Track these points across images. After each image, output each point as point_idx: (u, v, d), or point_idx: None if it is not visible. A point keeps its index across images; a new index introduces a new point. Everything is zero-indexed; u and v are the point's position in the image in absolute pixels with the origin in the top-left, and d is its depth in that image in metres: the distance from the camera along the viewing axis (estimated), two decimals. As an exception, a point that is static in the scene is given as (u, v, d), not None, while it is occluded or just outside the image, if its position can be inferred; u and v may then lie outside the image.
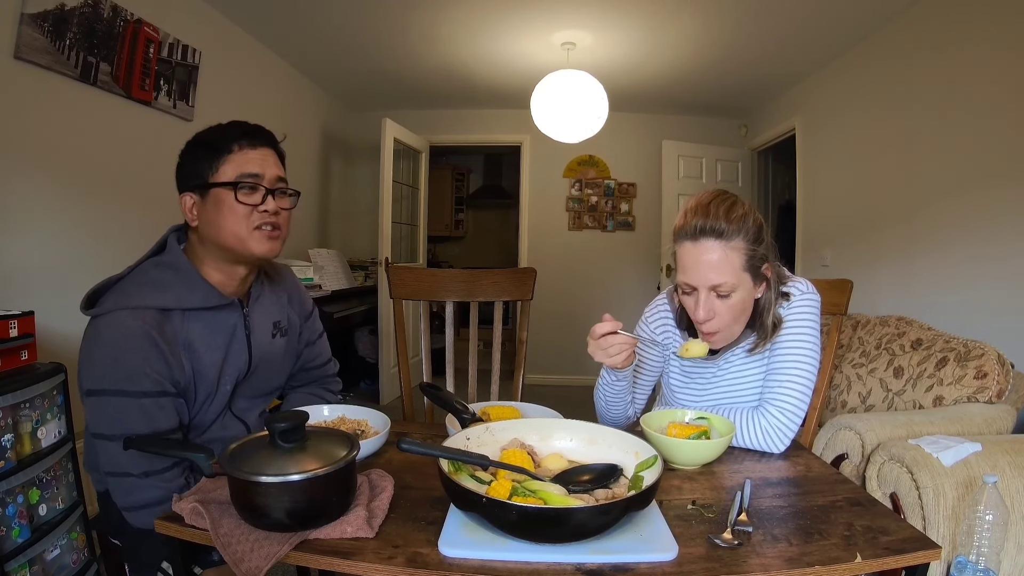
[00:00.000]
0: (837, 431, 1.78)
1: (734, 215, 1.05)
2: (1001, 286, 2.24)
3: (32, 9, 1.91)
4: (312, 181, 4.35)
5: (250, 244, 1.02)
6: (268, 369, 1.18)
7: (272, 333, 1.17)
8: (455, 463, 0.80)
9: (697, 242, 1.06)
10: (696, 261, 1.07)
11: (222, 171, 1.00)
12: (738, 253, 1.06)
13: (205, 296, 1.02)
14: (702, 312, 1.08)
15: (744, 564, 0.68)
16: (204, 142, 1.03)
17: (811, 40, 3.23)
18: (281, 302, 1.22)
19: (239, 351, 1.09)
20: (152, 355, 0.94)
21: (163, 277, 1.01)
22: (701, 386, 1.25)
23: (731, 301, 1.08)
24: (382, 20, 3.15)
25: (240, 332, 1.09)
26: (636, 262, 5.01)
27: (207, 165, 1.00)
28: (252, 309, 1.12)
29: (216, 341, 1.05)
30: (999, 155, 2.25)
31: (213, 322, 1.05)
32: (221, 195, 1.00)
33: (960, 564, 1.09)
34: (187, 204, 1.03)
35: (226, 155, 1.00)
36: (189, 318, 1.01)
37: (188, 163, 1.03)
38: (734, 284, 1.06)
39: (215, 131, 1.04)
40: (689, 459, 0.99)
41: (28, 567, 1.40)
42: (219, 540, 0.71)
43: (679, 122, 4.89)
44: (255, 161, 1.02)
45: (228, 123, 1.05)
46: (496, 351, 1.69)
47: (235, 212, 1.00)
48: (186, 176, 1.03)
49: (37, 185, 2.03)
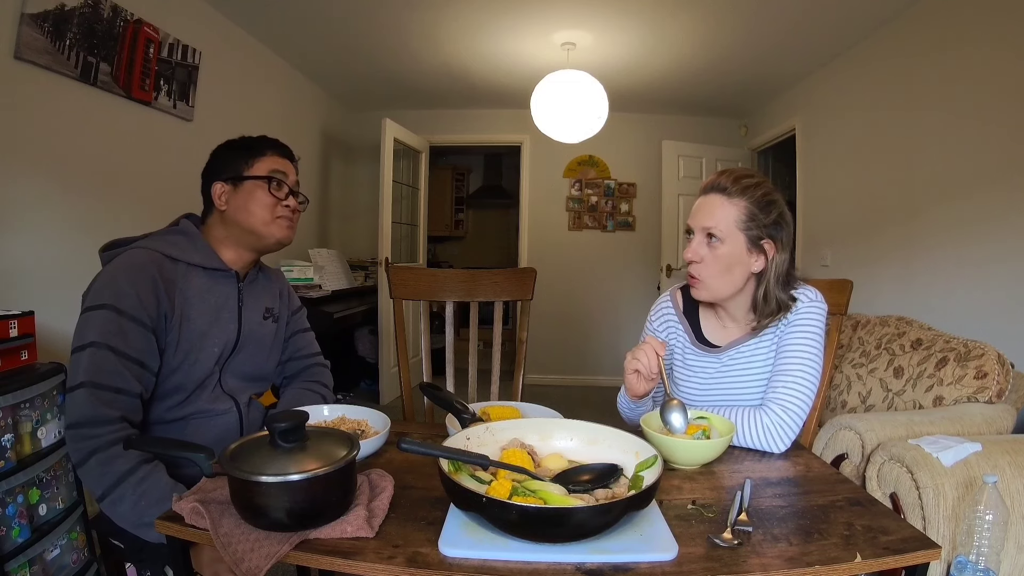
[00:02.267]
0: (837, 431, 1.78)
1: (743, 182, 1.16)
2: (1001, 286, 2.24)
3: (32, 9, 1.91)
4: (312, 181, 4.35)
5: (272, 228, 1.20)
6: (257, 349, 1.27)
7: (264, 315, 1.29)
8: (455, 463, 0.80)
9: (706, 195, 1.19)
10: (699, 208, 1.19)
11: (256, 168, 1.19)
12: (736, 209, 1.15)
13: (207, 257, 1.18)
14: (690, 252, 1.18)
15: (744, 564, 0.68)
16: (240, 144, 1.22)
17: (811, 40, 3.23)
18: (274, 292, 1.35)
19: (229, 319, 1.20)
20: (145, 285, 1.06)
21: (174, 239, 1.18)
22: (704, 381, 1.26)
23: (718, 251, 1.15)
24: (382, 20, 3.15)
25: (232, 303, 1.22)
26: (636, 262, 5.01)
27: (243, 162, 1.19)
28: (247, 286, 1.26)
29: (209, 300, 1.17)
30: (999, 155, 2.25)
31: (210, 283, 1.18)
32: (254, 186, 1.18)
33: (960, 564, 1.09)
34: (217, 191, 1.19)
35: (259, 156, 1.20)
36: (191, 273, 1.15)
37: (223, 158, 1.20)
38: (724, 234, 1.15)
39: (250, 139, 1.23)
40: (689, 459, 0.99)
41: (28, 567, 1.40)
42: (219, 540, 0.71)
43: (679, 122, 4.89)
44: (282, 165, 1.22)
45: (261, 136, 1.25)
46: (496, 351, 1.69)
47: (263, 202, 1.18)
48: (219, 168, 1.20)
49: (37, 185, 2.03)
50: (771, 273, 1.17)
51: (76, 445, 0.97)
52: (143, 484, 0.96)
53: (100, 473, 0.96)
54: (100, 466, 0.95)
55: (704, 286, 1.18)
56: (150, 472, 0.98)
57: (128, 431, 1.00)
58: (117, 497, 0.95)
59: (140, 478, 0.96)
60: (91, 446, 0.96)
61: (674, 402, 1.05)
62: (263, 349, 1.29)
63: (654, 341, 1.12)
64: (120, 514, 0.97)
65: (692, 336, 1.29)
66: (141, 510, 0.95)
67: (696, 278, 1.18)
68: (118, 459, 0.96)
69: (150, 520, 0.92)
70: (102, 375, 0.99)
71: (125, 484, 0.95)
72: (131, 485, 0.95)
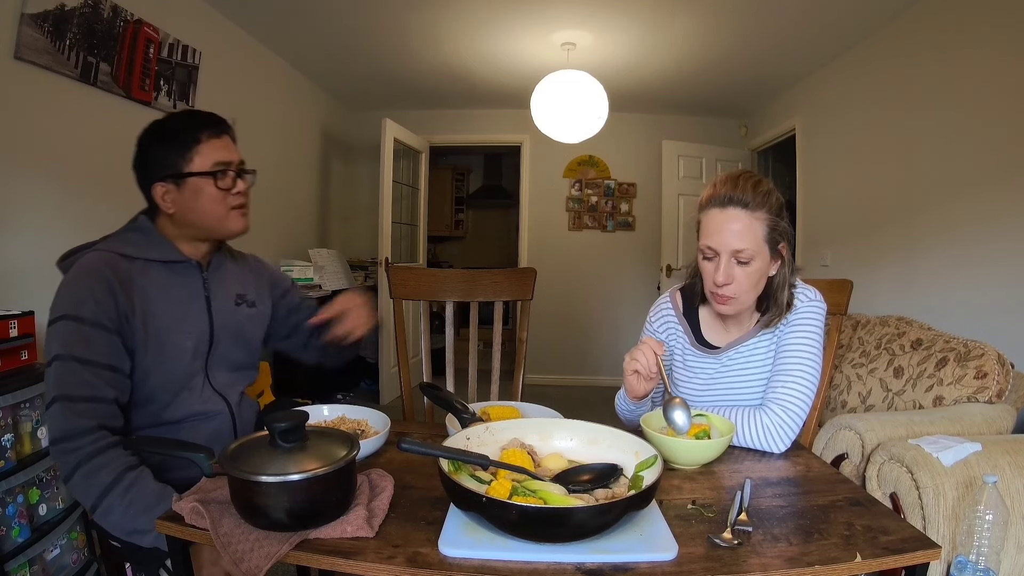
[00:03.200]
0: (837, 431, 1.78)
1: (760, 189, 1.12)
2: (1001, 286, 2.24)
3: (32, 9, 1.91)
4: (312, 181, 4.35)
5: (228, 223, 1.14)
6: (236, 338, 1.22)
7: (236, 301, 1.23)
8: (455, 463, 0.80)
9: (724, 210, 1.12)
10: (721, 227, 1.12)
11: (196, 162, 1.09)
12: (761, 224, 1.11)
13: (164, 251, 1.13)
14: (721, 276, 1.13)
15: (744, 564, 0.68)
16: (170, 135, 1.11)
17: (811, 40, 3.23)
18: (244, 277, 1.28)
19: (199, 312, 1.15)
20: (100, 287, 1.01)
21: (130, 236, 1.13)
22: (704, 381, 1.26)
23: (749, 269, 1.12)
24: (382, 20, 3.15)
25: (199, 294, 1.16)
26: (636, 262, 5.01)
27: (179, 156, 1.09)
28: (212, 275, 1.20)
29: (172, 293, 1.12)
30: (999, 155, 2.25)
31: (171, 276, 1.13)
32: (199, 183, 1.09)
33: (960, 564, 1.09)
34: (160, 193, 1.10)
35: (195, 146, 1.09)
36: (149, 268, 1.10)
37: (156, 156, 1.10)
38: (754, 252, 1.11)
39: (177, 123, 1.12)
40: (689, 459, 0.99)
41: (28, 567, 1.40)
42: (219, 540, 0.71)
43: (679, 122, 4.89)
44: (223, 149, 1.12)
45: (185, 113, 1.15)
46: (496, 351, 1.69)
47: (213, 197, 1.11)
48: (155, 168, 1.10)
49: (37, 185, 2.03)
50: (783, 272, 1.17)
51: (60, 460, 0.95)
52: (130, 492, 0.94)
53: (86, 486, 0.94)
54: (85, 479, 0.94)
55: (737, 303, 1.16)
56: (135, 479, 0.96)
57: (108, 439, 0.97)
58: (106, 508, 0.94)
59: (126, 487, 0.94)
60: (74, 460, 0.94)
61: (677, 400, 1.05)
62: (243, 337, 1.24)
63: (652, 341, 1.11)
64: (112, 524, 0.96)
65: (692, 337, 1.29)
66: (131, 518, 0.94)
67: (730, 297, 1.14)
68: (101, 470, 0.94)
69: (142, 527, 0.93)
70: (72, 387, 0.96)
71: (112, 494, 0.93)
72: (118, 495, 0.94)
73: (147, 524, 0.92)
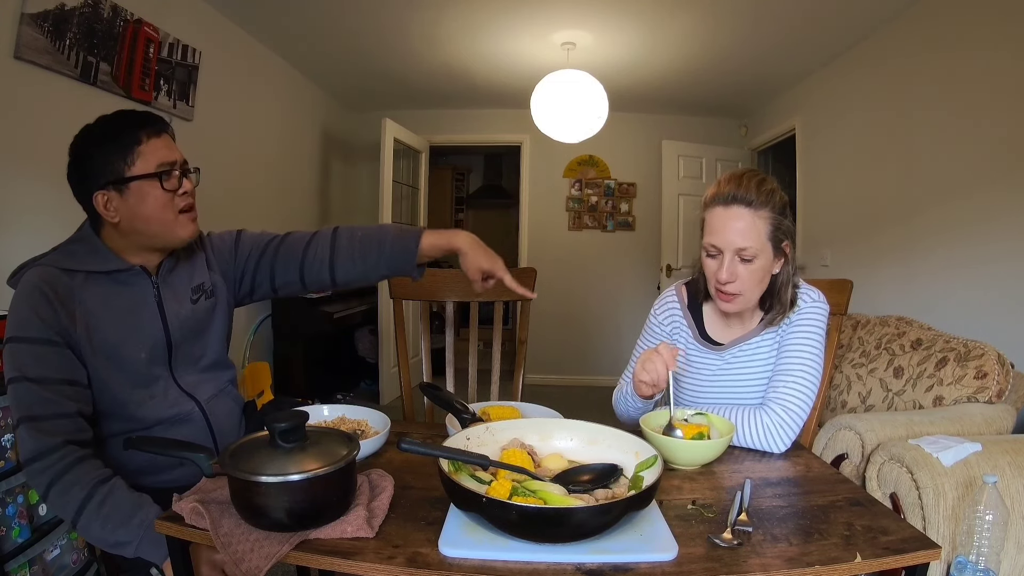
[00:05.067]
0: (837, 431, 1.78)
1: (764, 188, 1.14)
2: (1001, 286, 2.24)
3: (32, 9, 1.91)
4: (312, 181, 4.35)
5: (176, 229, 1.08)
6: (198, 336, 1.18)
7: (192, 298, 1.17)
8: (455, 463, 0.80)
9: (728, 208, 1.13)
10: (725, 225, 1.13)
11: (139, 164, 1.02)
12: (764, 222, 1.12)
13: (105, 261, 1.06)
14: (725, 273, 1.13)
15: (744, 564, 0.68)
16: (107, 138, 1.03)
17: (811, 40, 3.23)
18: (199, 265, 1.21)
19: (151, 319, 1.10)
20: (41, 304, 0.98)
21: (73, 248, 1.08)
22: (706, 377, 1.27)
23: (753, 267, 1.13)
24: (382, 20, 3.15)
25: (150, 301, 1.11)
26: (636, 262, 5.01)
27: (119, 161, 1.02)
28: (163, 280, 1.13)
29: (119, 305, 1.07)
30: (999, 155, 2.25)
31: (115, 288, 1.07)
32: (144, 187, 1.03)
33: (960, 564, 1.09)
34: (101, 202, 1.03)
35: (136, 147, 1.02)
36: (91, 281, 1.05)
37: (94, 163, 1.03)
38: (757, 250, 1.12)
39: (112, 125, 1.05)
40: (689, 459, 0.99)
41: (28, 567, 1.40)
42: (219, 540, 0.71)
43: (679, 122, 4.89)
44: (164, 149, 1.05)
45: (118, 114, 1.06)
46: (496, 351, 1.69)
47: (159, 201, 1.04)
48: (94, 176, 1.03)
49: (37, 185, 2.03)
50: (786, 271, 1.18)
51: (34, 481, 0.95)
52: (104, 506, 0.93)
53: (62, 503, 0.93)
54: (59, 497, 0.93)
55: (741, 300, 1.17)
56: (108, 492, 0.94)
57: (77, 454, 0.95)
58: (85, 523, 0.93)
59: (99, 502, 0.92)
60: (46, 480, 0.93)
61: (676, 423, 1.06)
62: (206, 332, 1.19)
63: (666, 351, 1.10)
64: (93, 538, 0.95)
65: (695, 332, 1.29)
66: (111, 531, 0.92)
67: (734, 294, 1.15)
68: (73, 487, 0.92)
69: (123, 539, 0.92)
70: (32, 407, 0.95)
71: (88, 510, 0.92)
72: (93, 510, 0.92)
73: (127, 536, 0.91)
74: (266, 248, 1.25)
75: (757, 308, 1.23)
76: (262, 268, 1.25)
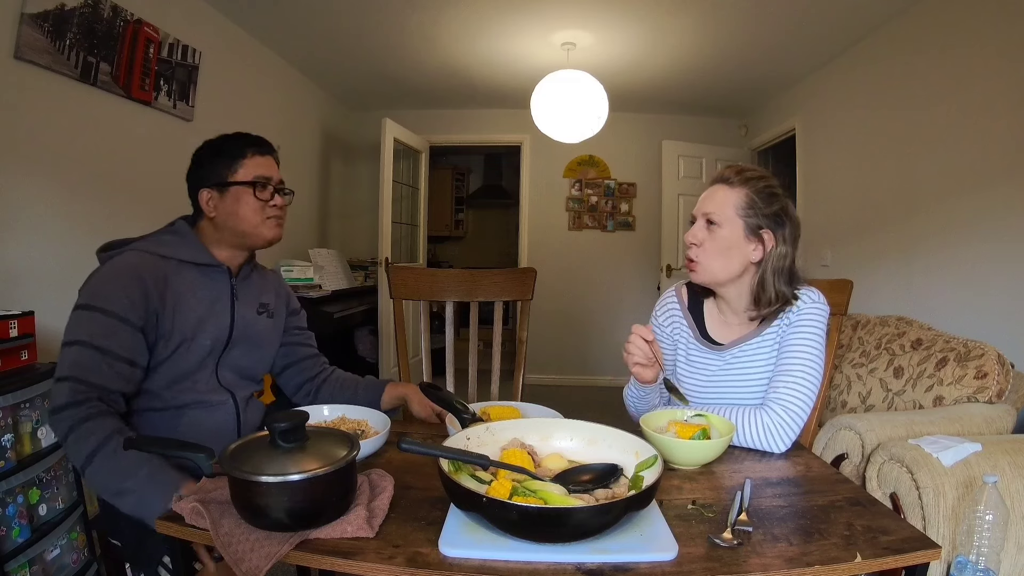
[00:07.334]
0: (837, 431, 1.78)
1: (746, 174, 1.21)
2: (1001, 286, 2.24)
3: (32, 9, 1.91)
4: (312, 181, 4.35)
5: (262, 230, 1.24)
6: (252, 345, 1.30)
7: (258, 310, 1.32)
8: (455, 463, 0.80)
9: (711, 186, 1.25)
10: (702, 198, 1.25)
11: (240, 173, 1.21)
12: (736, 195, 1.19)
13: (197, 253, 1.22)
14: (689, 235, 1.22)
15: (744, 564, 0.68)
16: (220, 149, 1.23)
17: (811, 40, 3.23)
18: (268, 288, 1.38)
19: (221, 312, 1.24)
20: (133, 286, 1.09)
21: (166, 238, 1.23)
22: (707, 377, 1.27)
23: (716, 235, 1.19)
24: (382, 20, 3.15)
25: (226, 297, 1.25)
26: (636, 262, 5.01)
27: (226, 168, 1.21)
28: (240, 282, 1.29)
29: (201, 294, 1.21)
30: (999, 155, 2.25)
31: (202, 279, 1.22)
32: (240, 192, 1.21)
33: (960, 564, 1.09)
34: (204, 198, 1.22)
35: (241, 159, 1.22)
36: (182, 268, 1.19)
37: (206, 165, 1.23)
38: (723, 219, 1.18)
39: (227, 140, 1.25)
40: (689, 459, 0.99)
41: (28, 567, 1.40)
42: (219, 540, 0.71)
43: (679, 122, 4.89)
44: (264, 166, 1.24)
45: (237, 135, 1.26)
46: (496, 351, 1.69)
47: (251, 205, 1.22)
48: (204, 176, 1.22)
49: (37, 185, 2.03)
50: (769, 263, 1.19)
51: (57, 427, 1.02)
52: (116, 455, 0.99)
53: (77, 449, 0.99)
54: (76, 442, 0.99)
55: (702, 268, 1.21)
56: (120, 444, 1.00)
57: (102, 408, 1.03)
58: (94, 470, 0.98)
59: (112, 449, 0.98)
60: (68, 424, 1.00)
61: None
62: (259, 345, 1.32)
63: (639, 328, 1.14)
64: (98, 485, 1.00)
65: (696, 332, 1.29)
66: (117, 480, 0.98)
67: (695, 260, 1.21)
68: (92, 435, 0.99)
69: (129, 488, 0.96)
70: (86, 372, 1.03)
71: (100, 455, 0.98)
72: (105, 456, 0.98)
73: (133, 485, 0.96)
74: (291, 343, 1.45)
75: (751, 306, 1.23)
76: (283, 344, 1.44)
